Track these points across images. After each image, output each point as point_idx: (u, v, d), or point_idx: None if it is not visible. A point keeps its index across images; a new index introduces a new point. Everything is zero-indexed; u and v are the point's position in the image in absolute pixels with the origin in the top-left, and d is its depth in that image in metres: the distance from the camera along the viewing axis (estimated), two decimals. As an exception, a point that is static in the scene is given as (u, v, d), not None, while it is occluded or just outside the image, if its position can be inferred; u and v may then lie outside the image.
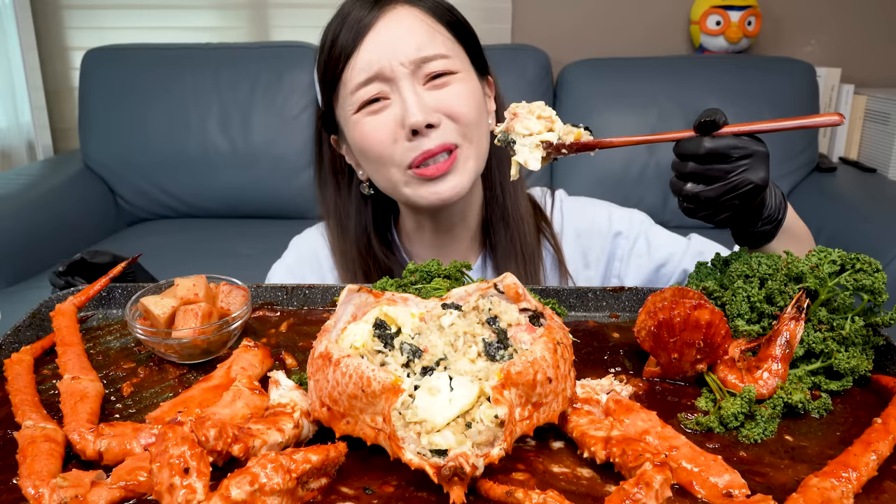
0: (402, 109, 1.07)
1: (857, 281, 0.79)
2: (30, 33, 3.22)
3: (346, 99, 1.11)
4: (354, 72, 1.08)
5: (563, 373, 0.66)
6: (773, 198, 0.97)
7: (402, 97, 1.07)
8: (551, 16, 3.23)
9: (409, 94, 1.07)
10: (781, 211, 0.98)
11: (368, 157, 1.12)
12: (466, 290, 0.77)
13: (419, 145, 1.07)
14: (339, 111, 1.15)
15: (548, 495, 0.57)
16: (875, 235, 2.30)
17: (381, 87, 1.08)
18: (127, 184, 2.99)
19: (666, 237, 1.29)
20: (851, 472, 0.61)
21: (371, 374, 0.62)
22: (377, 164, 1.12)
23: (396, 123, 1.08)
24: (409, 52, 1.07)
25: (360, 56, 1.08)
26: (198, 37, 3.27)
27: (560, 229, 1.32)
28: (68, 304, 0.93)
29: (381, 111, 1.09)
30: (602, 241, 1.30)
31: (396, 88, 1.08)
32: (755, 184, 0.85)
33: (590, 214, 1.32)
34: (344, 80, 1.10)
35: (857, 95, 3.02)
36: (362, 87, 1.08)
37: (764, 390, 0.75)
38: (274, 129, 2.94)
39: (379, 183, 1.17)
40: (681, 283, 1.25)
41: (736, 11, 2.99)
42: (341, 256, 1.27)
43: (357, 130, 1.11)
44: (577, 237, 1.31)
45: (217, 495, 0.54)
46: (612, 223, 1.30)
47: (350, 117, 1.11)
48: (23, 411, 0.72)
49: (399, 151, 1.09)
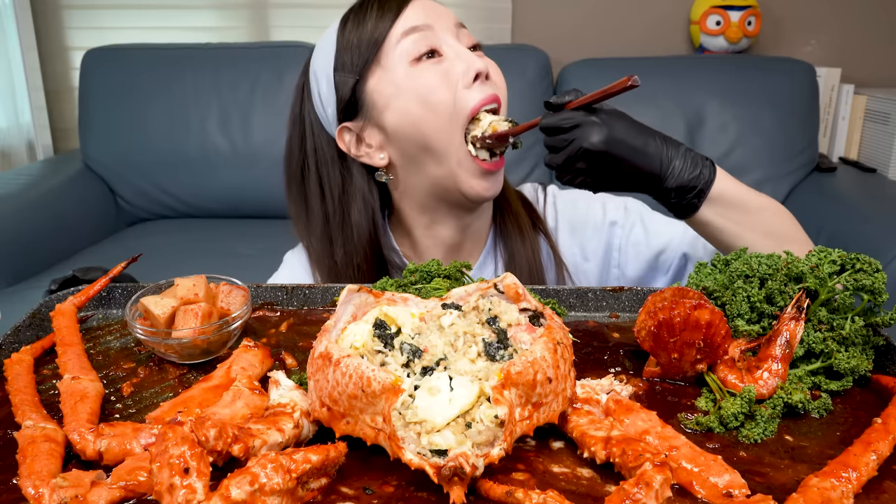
0: (459, 59, 1.12)
1: (857, 281, 0.79)
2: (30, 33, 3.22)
3: (393, 54, 1.12)
4: (407, 23, 1.12)
5: (563, 373, 0.66)
6: (683, 166, 1.02)
7: (456, 50, 1.13)
8: (551, 16, 3.23)
9: (461, 46, 1.14)
10: (702, 181, 1.02)
11: (433, 104, 1.11)
12: (466, 290, 0.77)
13: (480, 94, 1.12)
14: (379, 76, 1.14)
15: (548, 495, 0.57)
16: (875, 235, 2.30)
17: (433, 42, 1.12)
18: (127, 184, 2.99)
19: (663, 223, 1.28)
20: (851, 472, 0.61)
21: (371, 374, 0.62)
22: (436, 116, 1.12)
23: (456, 73, 1.11)
24: (450, 17, 1.16)
25: (407, 15, 1.13)
26: (198, 37, 3.27)
27: (555, 225, 1.32)
28: (68, 304, 0.93)
29: (439, 63, 1.12)
30: (598, 233, 1.29)
31: (447, 44, 1.13)
32: (585, 148, 0.98)
33: (584, 207, 1.32)
34: (390, 38, 1.12)
35: (857, 95, 3.02)
36: (414, 40, 1.12)
37: (764, 390, 0.75)
38: (274, 129, 2.94)
39: (426, 147, 1.14)
40: (681, 267, 1.25)
41: (736, 11, 2.99)
42: (334, 268, 1.24)
43: (418, 78, 1.11)
44: (572, 231, 1.31)
45: (217, 495, 0.54)
46: (607, 214, 1.30)
47: (406, 68, 1.12)
48: (23, 411, 0.72)
49: (462, 98, 1.11)
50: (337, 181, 1.22)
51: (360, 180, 1.21)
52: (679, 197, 1.03)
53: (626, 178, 1.02)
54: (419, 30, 1.12)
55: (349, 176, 1.22)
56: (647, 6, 3.21)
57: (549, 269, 1.28)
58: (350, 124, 1.19)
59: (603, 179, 1.03)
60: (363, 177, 1.22)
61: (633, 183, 1.03)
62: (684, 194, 1.03)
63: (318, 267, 1.26)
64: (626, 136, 1.00)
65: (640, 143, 1.01)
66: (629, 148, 1.00)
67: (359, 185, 1.22)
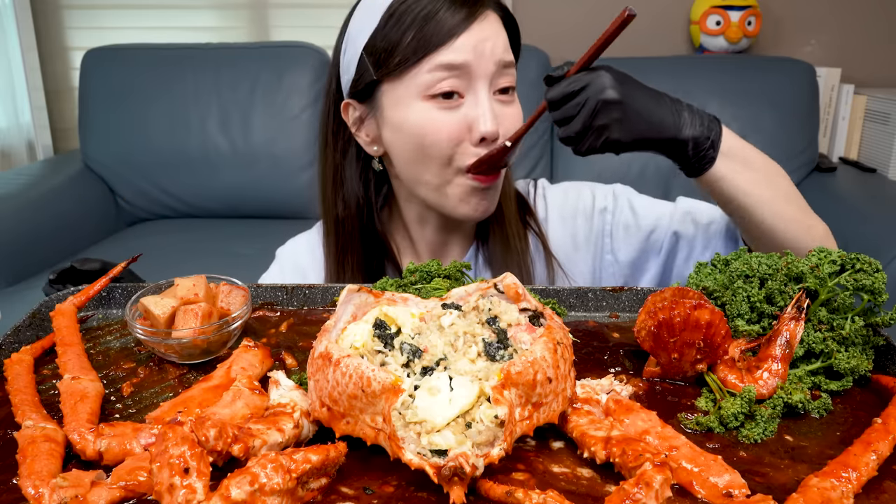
0: (475, 113, 1.08)
1: (857, 281, 0.79)
2: (30, 33, 3.22)
3: (416, 79, 1.07)
4: (446, 58, 1.06)
5: (563, 373, 0.66)
6: (692, 119, 1.03)
7: (477, 100, 1.08)
8: (551, 16, 3.23)
9: (484, 98, 1.08)
10: (712, 132, 1.03)
11: (428, 148, 1.09)
12: (466, 290, 0.77)
13: (481, 151, 1.09)
14: (393, 90, 1.10)
15: (548, 495, 0.57)
16: (875, 235, 2.30)
17: (457, 84, 1.07)
18: (127, 184, 2.99)
19: (650, 203, 1.28)
20: (851, 472, 0.61)
21: (371, 374, 0.62)
22: (431, 158, 1.10)
23: (465, 124, 1.08)
24: (497, 53, 1.09)
25: (454, 46, 1.06)
26: (198, 37, 3.28)
27: (545, 216, 1.32)
28: (68, 304, 0.93)
29: (453, 108, 1.08)
30: (589, 221, 1.29)
31: (473, 90, 1.08)
32: (602, 100, 0.96)
33: (573, 197, 1.32)
34: (419, 66, 1.07)
35: (857, 95, 3.02)
36: (442, 71, 1.06)
37: (764, 390, 0.75)
38: (274, 129, 2.94)
39: (423, 173, 1.13)
40: (673, 246, 1.25)
41: (736, 11, 2.99)
42: (333, 226, 1.24)
43: (424, 119, 1.08)
44: (562, 221, 1.31)
45: (217, 495, 0.54)
46: (597, 201, 1.29)
47: (414, 102, 1.08)
48: (23, 411, 0.72)
49: (465, 152, 1.09)
50: (341, 135, 1.23)
51: (359, 149, 1.22)
52: (696, 148, 1.02)
53: (646, 128, 1.00)
54: (453, 70, 1.06)
55: (352, 139, 1.22)
56: (648, 6, 3.21)
57: (538, 262, 1.28)
58: (356, 104, 1.17)
59: (626, 132, 0.99)
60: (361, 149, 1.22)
61: (652, 133, 1.01)
62: (700, 145, 1.02)
63: (325, 231, 1.27)
64: (636, 85, 1.00)
65: (650, 92, 1.01)
66: (643, 95, 0.99)
67: (358, 151, 1.22)
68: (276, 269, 1.35)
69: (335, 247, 1.25)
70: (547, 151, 3.00)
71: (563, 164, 2.97)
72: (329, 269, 1.26)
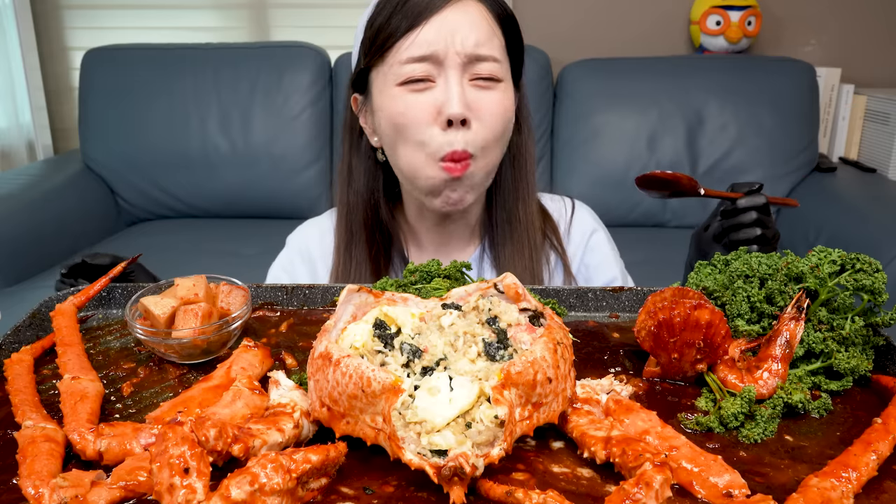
0: (444, 97, 1.08)
1: (857, 281, 0.79)
2: (30, 33, 3.22)
3: (392, 68, 1.11)
4: (412, 46, 1.09)
5: (563, 373, 0.66)
6: None
7: (447, 84, 1.09)
8: (551, 16, 3.23)
9: (454, 83, 1.08)
10: None
11: (401, 132, 1.12)
12: (466, 290, 0.77)
13: (452, 141, 1.09)
14: (378, 77, 1.14)
15: (548, 495, 0.57)
16: (875, 235, 2.30)
17: (430, 70, 1.09)
18: (127, 184, 3.00)
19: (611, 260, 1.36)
20: (851, 472, 0.61)
21: (371, 374, 0.62)
22: (406, 142, 1.12)
23: (434, 108, 1.09)
24: (467, 45, 1.09)
25: (421, 33, 1.08)
26: (198, 37, 3.27)
27: (567, 236, 1.34)
28: (68, 304, 0.93)
29: (423, 91, 1.10)
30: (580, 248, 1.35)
31: (444, 75, 1.09)
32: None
33: (589, 227, 1.36)
34: (397, 49, 1.10)
35: (857, 95, 3.02)
36: (414, 63, 1.09)
37: (764, 390, 0.75)
38: (274, 129, 2.94)
39: (400, 159, 1.15)
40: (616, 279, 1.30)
41: (736, 11, 2.99)
42: (345, 216, 1.26)
43: (397, 103, 1.11)
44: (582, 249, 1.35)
45: (217, 495, 0.54)
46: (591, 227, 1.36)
47: (391, 88, 1.11)
48: (23, 411, 0.72)
49: (432, 137, 1.10)
50: (354, 128, 1.26)
51: (368, 142, 1.25)
52: None
53: None
54: (422, 61, 1.09)
55: (363, 132, 1.25)
56: (647, 6, 3.21)
57: (557, 279, 1.30)
58: (358, 95, 1.21)
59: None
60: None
61: None
62: None
63: (340, 203, 1.28)
64: None
65: None
66: None
67: (367, 143, 1.24)
68: (284, 254, 1.36)
69: (345, 237, 1.26)
70: (547, 151, 3.00)
71: (563, 165, 2.97)
72: (338, 260, 1.27)
